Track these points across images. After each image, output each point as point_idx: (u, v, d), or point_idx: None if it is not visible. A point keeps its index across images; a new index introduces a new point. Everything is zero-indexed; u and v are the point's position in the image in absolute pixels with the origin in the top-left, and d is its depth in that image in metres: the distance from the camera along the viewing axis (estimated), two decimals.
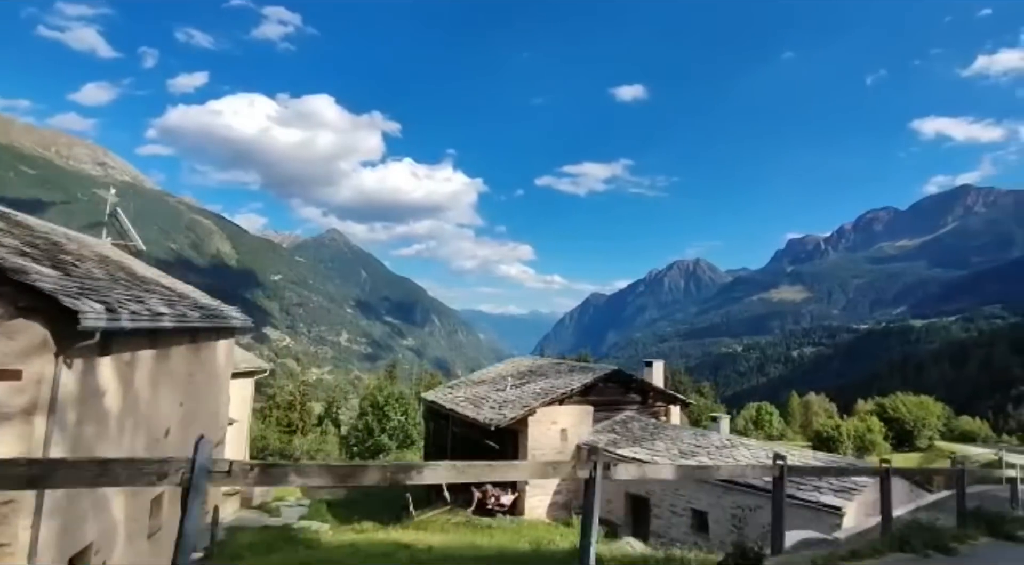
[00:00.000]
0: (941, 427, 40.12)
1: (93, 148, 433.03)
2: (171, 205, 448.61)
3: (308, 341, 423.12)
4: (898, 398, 38.75)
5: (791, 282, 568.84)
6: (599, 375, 17.54)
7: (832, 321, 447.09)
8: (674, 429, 16.37)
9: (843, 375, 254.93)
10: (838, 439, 33.55)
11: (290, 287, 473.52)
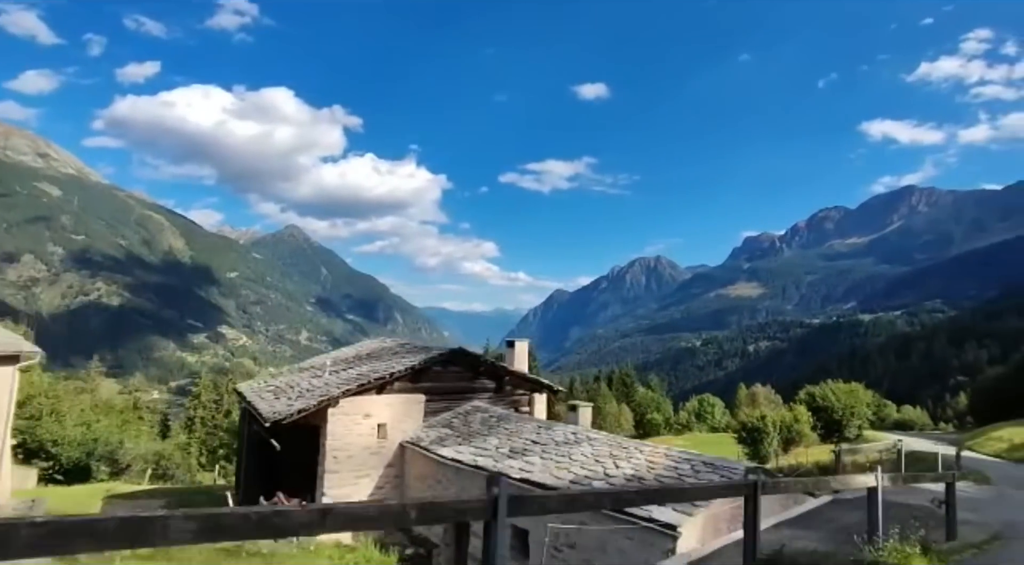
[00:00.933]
0: (871, 416, 38.14)
1: (34, 139, 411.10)
2: (120, 200, 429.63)
3: (266, 340, 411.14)
4: (828, 386, 36.59)
5: (748, 278, 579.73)
6: (433, 356, 14.00)
7: (786, 316, 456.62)
8: (519, 422, 12.96)
9: (796, 368, 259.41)
10: (764, 430, 30.98)
11: (247, 285, 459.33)
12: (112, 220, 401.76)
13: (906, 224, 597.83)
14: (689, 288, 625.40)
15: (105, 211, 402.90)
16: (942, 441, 34.37)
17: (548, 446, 11.38)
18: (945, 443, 31.13)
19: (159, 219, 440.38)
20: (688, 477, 9.32)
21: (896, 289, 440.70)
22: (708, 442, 42.02)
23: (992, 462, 22.98)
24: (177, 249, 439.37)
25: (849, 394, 35.47)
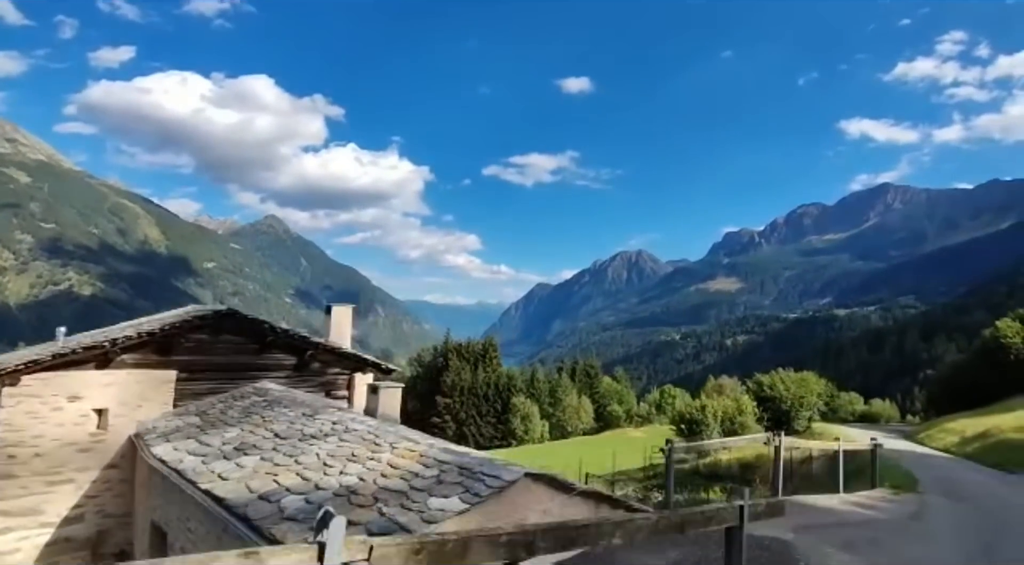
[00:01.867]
0: (823, 406, 35.38)
1: (3, 124, 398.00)
2: (93, 188, 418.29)
3: None
4: (777, 375, 33.67)
5: (727, 273, 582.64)
6: (185, 319, 10.32)
7: (764, 310, 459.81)
8: (287, 408, 9.32)
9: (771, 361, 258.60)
10: (703, 421, 27.80)
11: (225, 275, 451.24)
12: (84, 208, 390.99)
13: (882, 221, 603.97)
14: (670, 282, 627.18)
15: (77, 199, 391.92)
16: (899, 434, 31.59)
17: (290, 440, 7.84)
18: (899, 436, 28.27)
19: (134, 208, 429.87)
20: (422, 489, 5.87)
21: (871, 285, 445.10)
22: (662, 433, 39.26)
23: (937, 458, 20.05)
24: (153, 239, 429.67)
25: (799, 384, 32.53)
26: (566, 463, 39.89)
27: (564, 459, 43.87)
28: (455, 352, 78.00)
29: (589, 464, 37.67)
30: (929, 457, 19.85)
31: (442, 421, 73.12)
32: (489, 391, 75.34)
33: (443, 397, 73.91)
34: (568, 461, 40.66)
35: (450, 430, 73.04)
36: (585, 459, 42.17)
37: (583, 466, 32.82)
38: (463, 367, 76.66)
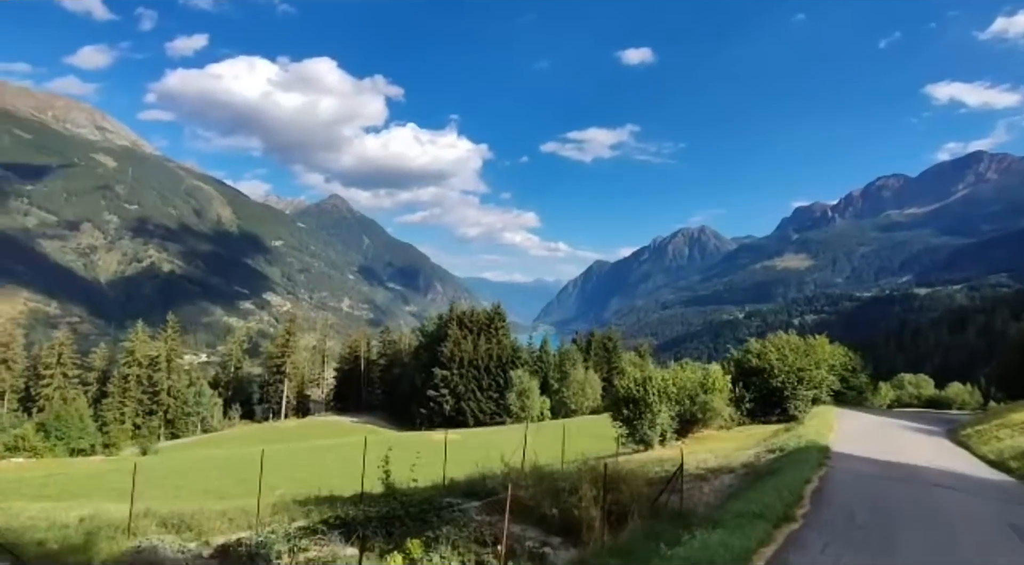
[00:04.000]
0: (836, 383, 25.75)
1: (91, 112, 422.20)
2: (172, 170, 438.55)
3: (309, 307, 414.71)
4: (771, 340, 24.50)
5: (796, 250, 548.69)
6: None
7: (835, 289, 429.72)
8: None
9: (841, 342, 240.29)
10: (645, 401, 19.34)
11: (292, 253, 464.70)
12: (164, 190, 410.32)
13: (972, 192, 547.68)
14: (734, 259, 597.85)
15: (157, 182, 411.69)
16: (945, 426, 22.08)
17: None
18: (943, 430, 19.08)
19: (208, 189, 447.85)
20: None
21: (957, 261, 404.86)
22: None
23: (981, 482, 11.11)
24: (226, 219, 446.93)
25: (801, 352, 23.37)
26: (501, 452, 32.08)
27: (519, 445, 36.78)
28: (456, 321, 71.27)
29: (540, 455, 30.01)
30: (969, 480, 10.79)
31: (438, 395, 66.87)
32: (491, 364, 68.30)
33: (441, 369, 67.54)
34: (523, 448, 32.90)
35: (447, 404, 66.73)
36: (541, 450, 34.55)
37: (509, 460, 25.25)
38: (464, 337, 69.79)
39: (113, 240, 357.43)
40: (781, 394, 22.74)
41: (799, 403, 22.98)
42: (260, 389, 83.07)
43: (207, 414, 70.83)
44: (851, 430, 16.99)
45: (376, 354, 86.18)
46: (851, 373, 29.81)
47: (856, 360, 30.66)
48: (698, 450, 17.75)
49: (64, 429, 48.43)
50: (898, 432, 17.99)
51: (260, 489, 12.66)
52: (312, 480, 21.56)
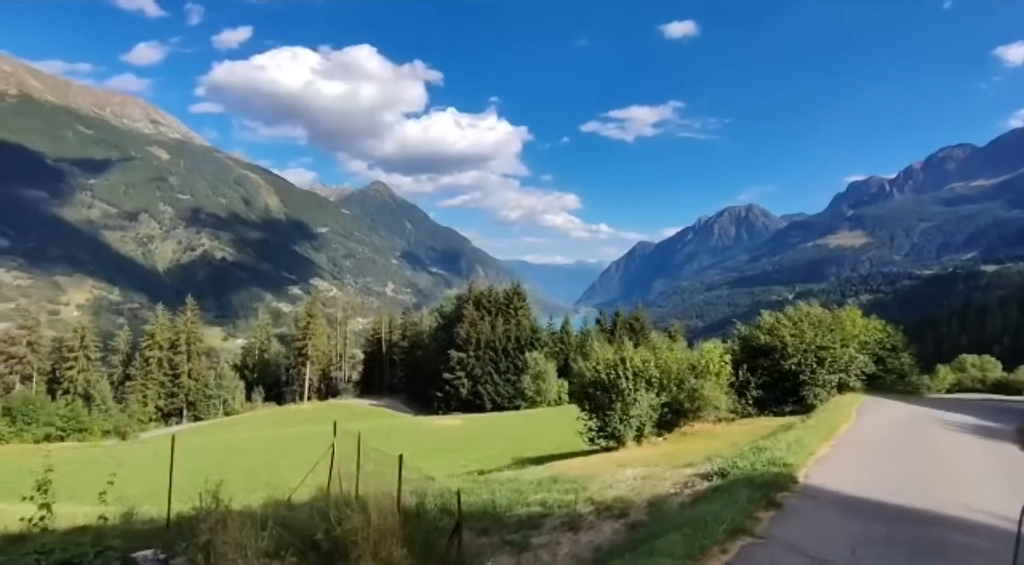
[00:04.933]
0: (871, 365, 20.67)
1: (146, 106, 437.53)
2: (221, 161, 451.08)
3: (355, 292, 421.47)
4: (787, 313, 19.86)
5: (851, 227, 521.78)
6: None
7: (893, 267, 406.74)
8: None
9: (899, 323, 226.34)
10: (616, 388, 15.34)
11: (337, 239, 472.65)
12: (214, 180, 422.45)
13: None
14: (784, 238, 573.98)
15: (208, 172, 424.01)
16: (1019, 418, 17.37)
17: None
18: (1013, 424, 14.48)
19: (256, 179, 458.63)
20: None
21: None
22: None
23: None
24: (273, 207, 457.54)
25: (825, 329, 18.81)
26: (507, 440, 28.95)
27: (514, 433, 33.67)
28: (474, 302, 68.13)
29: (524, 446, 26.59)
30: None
31: (454, 378, 64.11)
32: (509, 345, 64.94)
33: (457, 351, 64.66)
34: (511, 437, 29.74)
35: (464, 388, 63.93)
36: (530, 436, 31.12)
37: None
38: (481, 318, 66.58)
39: (168, 230, 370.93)
40: (796, 379, 18.49)
41: (819, 390, 18.61)
42: (286, 372, 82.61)
43: (228, 397, 70.38)
44: (867, 431, 11.88)
45: (398, 337, 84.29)
46: (890, 353, 24.44)
47: (898, 337, 25.82)
48: (673, 452, 13.87)
49: (32, 414, 47.70)
50: (940, 433, 12.23)
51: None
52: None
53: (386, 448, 21.56)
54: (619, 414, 15.80)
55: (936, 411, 16.30)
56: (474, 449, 29.70)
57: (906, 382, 24.62)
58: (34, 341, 61.18)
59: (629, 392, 16.03)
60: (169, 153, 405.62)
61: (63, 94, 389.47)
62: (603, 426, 16.17)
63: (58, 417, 58.33)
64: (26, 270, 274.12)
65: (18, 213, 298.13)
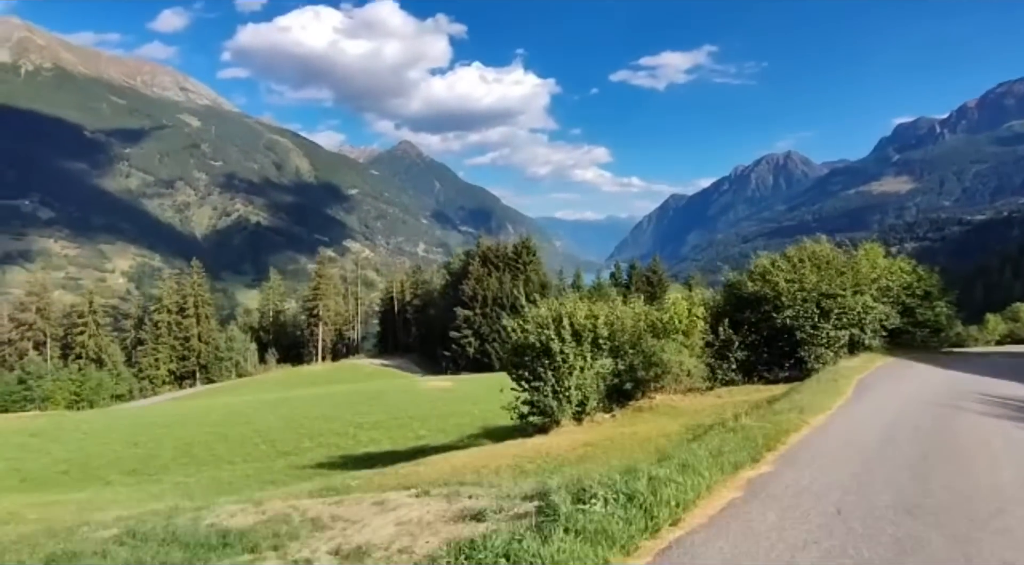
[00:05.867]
0: (894, 317, 16.15)
1: (175, 74, 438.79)
2: (250, 126, 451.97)
3: (387, 252, 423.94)
4: (785, 254, 15.54)
5: (896, 172, 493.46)
6: None
7: (942, 213, 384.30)
8: None
9: (947, 270, 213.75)
10: (549, 349, 11.66)
11: (367, 201, 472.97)
12: (245, 146, 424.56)
13: None
14: (824, 186, 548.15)
15: (239, 138, 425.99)
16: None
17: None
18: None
19: (285, 143, 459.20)
20: None
21: None
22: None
23: None
24: (303, 170, 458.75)
25: (833, 272, 14.54)
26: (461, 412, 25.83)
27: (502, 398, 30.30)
28: (480, 257, 64.79)
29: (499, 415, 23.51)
30: None
31: (461, 336, 61.51)
32: (518, 303, 61.37)
33: (463, 309, 61.83)
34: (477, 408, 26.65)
35: (471, 347, 61.35)
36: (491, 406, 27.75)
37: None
38: (487, 274, 63.32)
39: (203, 196, 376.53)
40: (792, 336, 14.76)
41: (821, 350, 14.52)
42: (300, 333, 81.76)
43: (240, 359, 69.74)
44: (850, 433, 7.37)
45: (411, 295, 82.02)
46: (921, 301, 19.65)
47: (932, 281, 20.79)
48: (610, 437, 10.41)
49: (39, 381, 47.01)
50: (990, 437, 7.42)
51: None
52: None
53: (352, 414, 18.45)
54: (551, 386, 12.33)
55: (983, 379, 12.15)
56: (452, 415, 26.77)
57: (942, 338, 20.13)
58: (43, 307, 60.98)
59: (565, 357, 12.50)
60: (200, 120, 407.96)
61: (95, 65, 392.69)
62: (535, 401, 12.74)
63: (71, 382, 58.56)
64: (72, 240, 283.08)
65: (62, 185, 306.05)
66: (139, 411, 36.81)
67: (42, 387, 54.45)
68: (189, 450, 21.32)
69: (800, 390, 9.60)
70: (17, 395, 53.21)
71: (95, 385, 57.77)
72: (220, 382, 66.65)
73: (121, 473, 18.52)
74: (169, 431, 25.07)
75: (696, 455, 5.45)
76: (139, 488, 15.77)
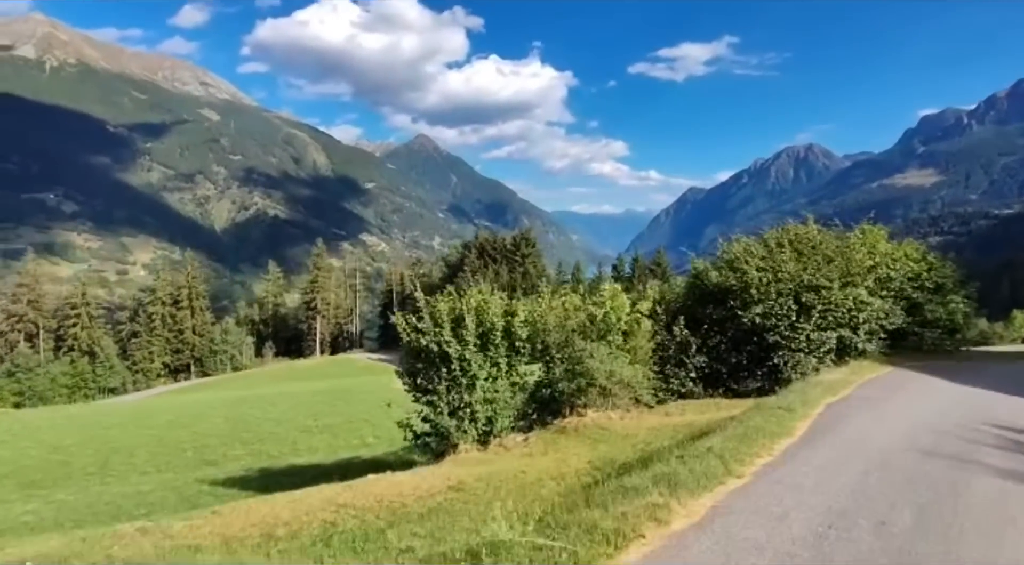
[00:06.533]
0: (901, 318, 13.15)
1: (195, 69, 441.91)
2: (269, 121, 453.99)
3: (403, 246, 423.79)
4: (769, 236, 12.38)
5: (921, 164, 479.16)
6: None
7: (968, 207, 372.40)
8: None
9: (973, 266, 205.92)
10: (445, 355, 9.07)
11: (384, 194, 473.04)
12: (264, 140, 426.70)
13: None
14: (846, 178, 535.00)
15: (257, 132, 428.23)
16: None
17: None
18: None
19: (303, 137, 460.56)
20: None
21: None
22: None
23: None
24: (321, 164, 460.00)
25: (820, 258, 11.50)
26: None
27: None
28: (477, 250, 62.31)
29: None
30: None
31: None
32: (514, 296, 58.90)
33: None
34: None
35: None
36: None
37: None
38: (484, 266, 60.81)
39: (223, 190, 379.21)
40: (762, 340, 11.86)
41: (800, 356, 11.63)
42: (300, 326, 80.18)
43: (235, 352, 68.25)
44: (760, 525, 4.12)
45: (410, 287, 79.82)
46: (932, 295, 16.25)
47: (946, 270, 17.30)
48: (486, 477, 7.85)
49: (27, 374, 45.62)
50: (993, 501, 4.68)
51: None
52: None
53: (306, 415, 15.81)
54: (446, 401, 9.76)
55: (1009, 400, 9.11)
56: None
57: (957, 340, 16.82)
58: (35, 299, 59.96)
59: (466, 366, 9.94)
60: (219, 114, 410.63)
61: (117, 61, 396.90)
62: (430, 418, 10.15)
63: (62, 375, 57.49)
64: (95, 233, 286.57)
65: (86, 179, 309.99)
66: (98, 408, 35.08)
67: (32, 381, 53.47)
68: (108, 457, 19.25)
69: (725, 427, 6.81)
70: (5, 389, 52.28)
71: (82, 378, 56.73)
72: (215, 376, 65.30)
73: (15, 485, 16.45)
74: (104, 434, 23.09)
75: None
76: (7, 507, 13.62)
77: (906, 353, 14.64)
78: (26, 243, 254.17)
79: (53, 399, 50.04)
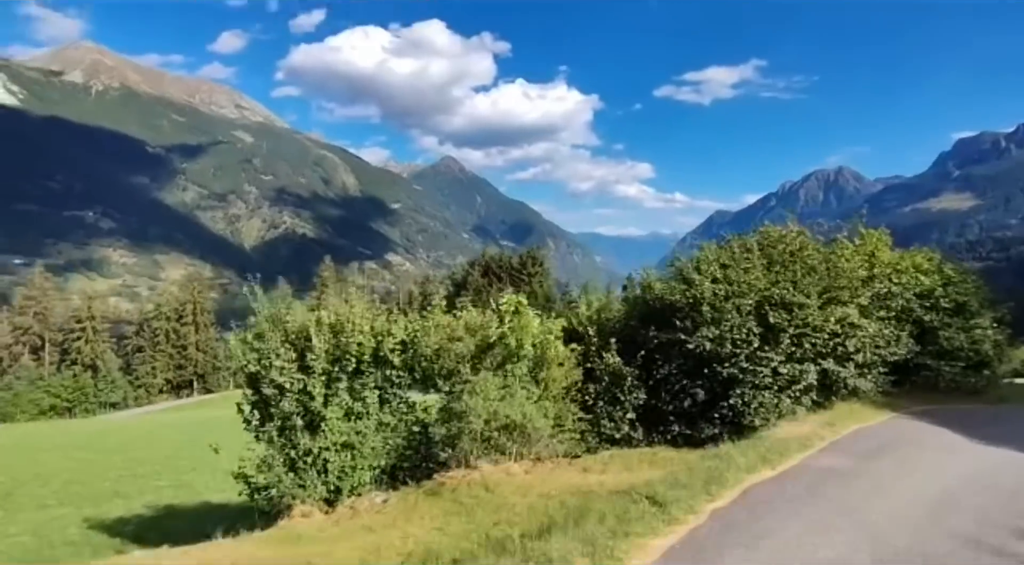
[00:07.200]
0: (906, 347, 10.49)
1: (231, 93, 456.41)
2: (300, 142, 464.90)
3: (427, 265, 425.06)
4: (736, 242, 9.75)
5: (957, 188, 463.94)
6: None
7: (1008, 232, 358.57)
8: None
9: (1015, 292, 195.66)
10: (284, 387, 6.99)
11: (410, 215, 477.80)
12: (294, 161, 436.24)
13: None
14: (878, 202, 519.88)
15: (288, 153, 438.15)
16: None
17: None
18: None
19: (333, 158, 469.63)
20: None
21: None
22: None
23: None
24: (349, 185, 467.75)
25: (800, 270, 8.90)
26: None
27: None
28: (482, 268, 60.17)
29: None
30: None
31: None
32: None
33: None
34: None
35: None
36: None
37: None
38: (488, 285, 58.46)
39: (254, 209, 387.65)
40: (714, 374, 9.06)
41: (765, 395, 8.82)
42: None
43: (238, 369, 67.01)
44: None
45: (417, 306, 78.12)
46: (950, 317, 13.02)
47: (968, 286, 14.00)
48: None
49: (23, 389, 44.65)
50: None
51: None
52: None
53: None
54: (287, 446, 7.43)
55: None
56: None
57: (986, 375, 13.24)
58: (40, 311, 59.80)
59: (306, 402, 7.63)
60: (253, 136, 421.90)
61: (158, 85, 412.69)
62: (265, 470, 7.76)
63: (63, 388, 56.87)
64: (130, 249, 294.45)
65: (124, 197, 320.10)
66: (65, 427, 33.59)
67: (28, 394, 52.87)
68: (17, 487, 17.34)
69: (586, 514, 4.14)
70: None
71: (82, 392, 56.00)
72: (219, 392, 64.15)
73: None
74: (34, 457, 21.28)
75: None
76: None
77: (916, 393, 11.49)
78: (65, 259, 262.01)
79: (16, 416, 48.91)
